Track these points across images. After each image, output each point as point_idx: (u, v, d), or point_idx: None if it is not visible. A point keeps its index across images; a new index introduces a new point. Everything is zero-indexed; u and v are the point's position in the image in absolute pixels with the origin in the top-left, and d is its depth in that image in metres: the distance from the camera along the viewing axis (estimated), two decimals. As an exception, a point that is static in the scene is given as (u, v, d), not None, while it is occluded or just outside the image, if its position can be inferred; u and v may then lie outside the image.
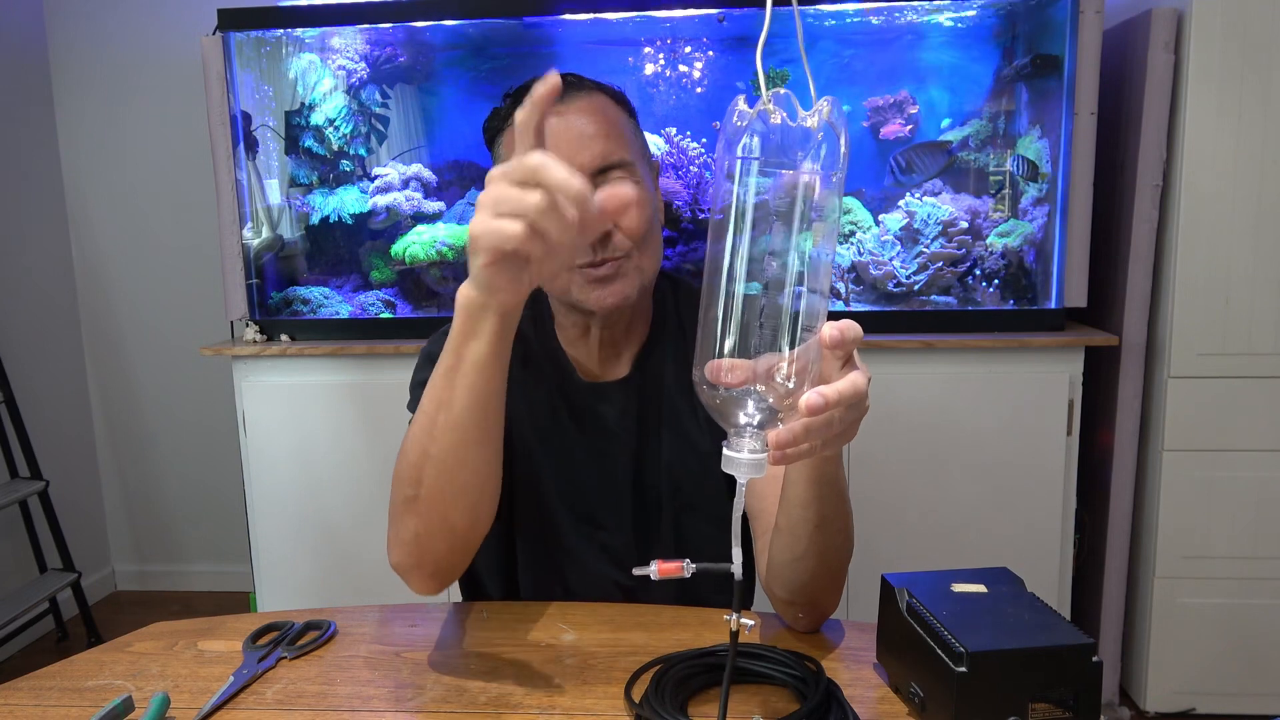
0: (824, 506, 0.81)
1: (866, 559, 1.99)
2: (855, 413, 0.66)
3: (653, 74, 2.22)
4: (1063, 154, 1.98)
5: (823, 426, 0.64)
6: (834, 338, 0.63)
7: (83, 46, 2.76)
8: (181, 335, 2.83)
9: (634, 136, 1.01)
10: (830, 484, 0.80)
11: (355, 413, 2.12)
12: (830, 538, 0.83)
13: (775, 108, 0.63)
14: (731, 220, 0.63)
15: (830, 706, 0.72)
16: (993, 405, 2.00)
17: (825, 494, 0.80)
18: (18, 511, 2.62)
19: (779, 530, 0.86)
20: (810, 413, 0.62)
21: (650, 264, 1.01)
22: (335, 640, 0.91)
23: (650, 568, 0.71)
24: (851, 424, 0.68)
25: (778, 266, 0.63)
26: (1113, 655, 2.12)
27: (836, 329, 0.63)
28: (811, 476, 0.79)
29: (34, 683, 0.84)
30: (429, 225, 2.23)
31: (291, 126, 2.27)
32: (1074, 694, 0.68)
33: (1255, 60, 1.86)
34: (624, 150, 0.97)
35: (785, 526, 0.85)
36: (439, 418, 0.79)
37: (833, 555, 0.85)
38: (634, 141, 1.00)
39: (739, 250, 0.63)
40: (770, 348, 0.63)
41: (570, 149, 0.94)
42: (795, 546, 0.84)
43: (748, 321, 0.63)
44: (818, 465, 0.78)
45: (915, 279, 2.10)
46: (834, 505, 0.82)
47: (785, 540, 0.86)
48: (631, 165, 0.97)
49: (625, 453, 1.06)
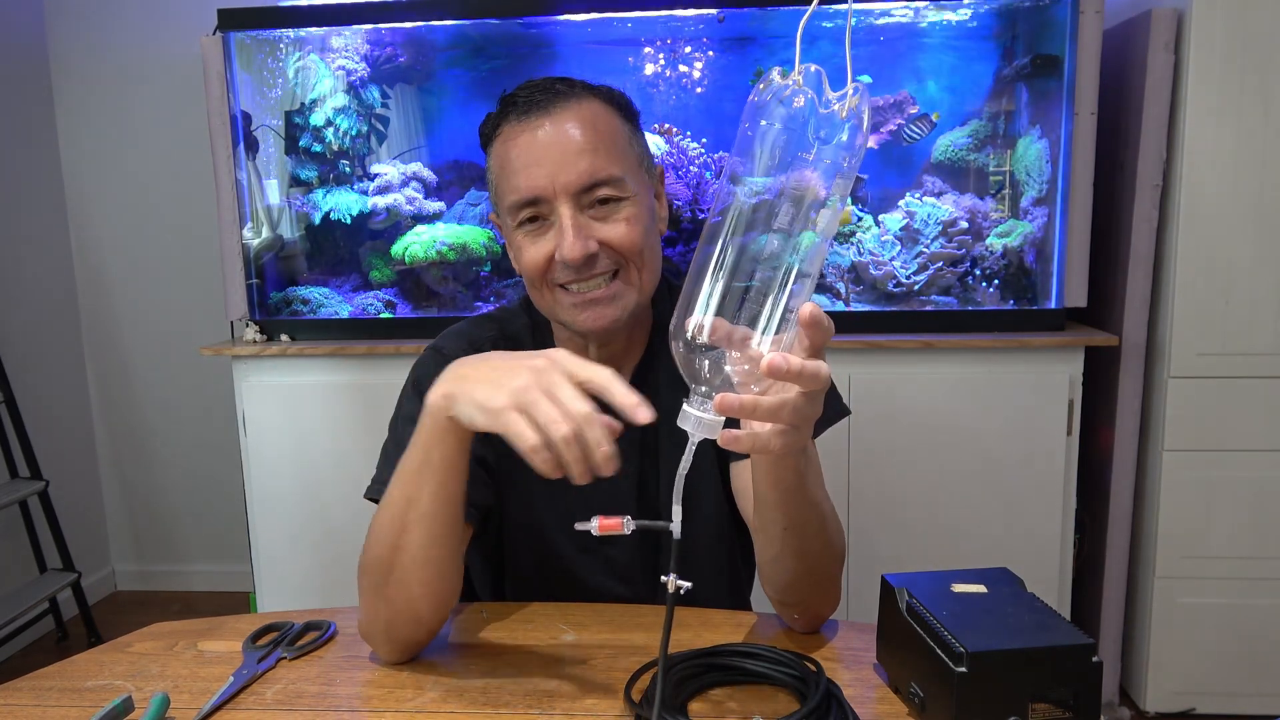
0: (790, 510, 0.81)
1: (866, 559, 2.01)
2: (807, 410, 0.66)
3: (653, 74, 2.22)
4: (1063, 154, 1.98)
5: (775, 406, 0.64)
6: (811, 314, 0.63)
7: (83, 46, 2.76)
8: (181, 335, 2.83)
9: (629, 145, 0.96)
10: (793, 490, 0.79)
11: (355, 413, 2.12)
12: (805, 541, 0.83)
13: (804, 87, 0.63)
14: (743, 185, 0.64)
15: (830, 706, 0.72)
16: (993, 405, 2.00)
17: (789, 499, 0.80)
18: (18, 511, 2.61)
19: (754, 530, 0.88)
20: (770, 372, 0.61)
21: (649, 279, 0.97)
22: (335, 640, 0.91)
23: (591, 523, 0.74)
24: (802, 422, 0.66)
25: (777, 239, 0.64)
26: (1113, 655, 2.12)
27: (814, 308, 0.63)
28: (772, 479, 0.79)
29: (34, 683, 0.84)
30: (429, 225, 2.23)
31: (291, 126, 2.27)
32: (1074, 694, 0.68)
33: (1255, 60, 1.86)
34: (613, 164, 0.92)
35: (759, 527, 0.85)
36: (409, 513, 0.80)
37: (812, 559, 0.85)
38: (628, 151, 0.95)
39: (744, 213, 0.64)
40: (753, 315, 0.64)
41: (553, 167, 0.91)
42: (770, 547, 0.85)
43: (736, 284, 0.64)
44: (776, 469, 0.78)
45: (915, 279, 2.10)
46: (802, 511, 0.81)
47: (760, 540, 0.86)
48: (620, 180, 0.92)
49: (627, 467, 1.02)
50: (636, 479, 1.04)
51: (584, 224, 0.92)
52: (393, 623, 0.84)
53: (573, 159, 0.91)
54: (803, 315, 0.63)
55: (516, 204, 0.93)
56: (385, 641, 0.85)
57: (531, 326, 1.07)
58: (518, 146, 0.93)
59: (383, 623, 0.84)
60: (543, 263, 0.94)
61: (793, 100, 0.63)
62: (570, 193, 0.91)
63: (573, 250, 0.90)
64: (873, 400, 1.99)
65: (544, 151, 0.91)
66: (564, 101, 0.93)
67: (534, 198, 0.92)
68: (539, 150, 0.91)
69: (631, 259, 0.94)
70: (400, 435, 1.00)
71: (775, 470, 0.78)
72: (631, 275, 0.95)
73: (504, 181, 0.95)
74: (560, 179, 0.91)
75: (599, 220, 0.93)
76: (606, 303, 0.94)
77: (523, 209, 0.93)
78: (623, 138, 0.96)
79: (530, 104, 0.93)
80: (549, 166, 0.91)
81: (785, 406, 0.64)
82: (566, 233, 0.91)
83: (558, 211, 0.92)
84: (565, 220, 0.91)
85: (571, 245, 0.91)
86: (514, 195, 0.93)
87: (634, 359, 1.05)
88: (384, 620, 0.84)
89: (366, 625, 0.86)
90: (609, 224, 0.93)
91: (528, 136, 0.92)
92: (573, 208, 0.92)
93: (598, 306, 0.94)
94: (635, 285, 0.96)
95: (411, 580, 0.82)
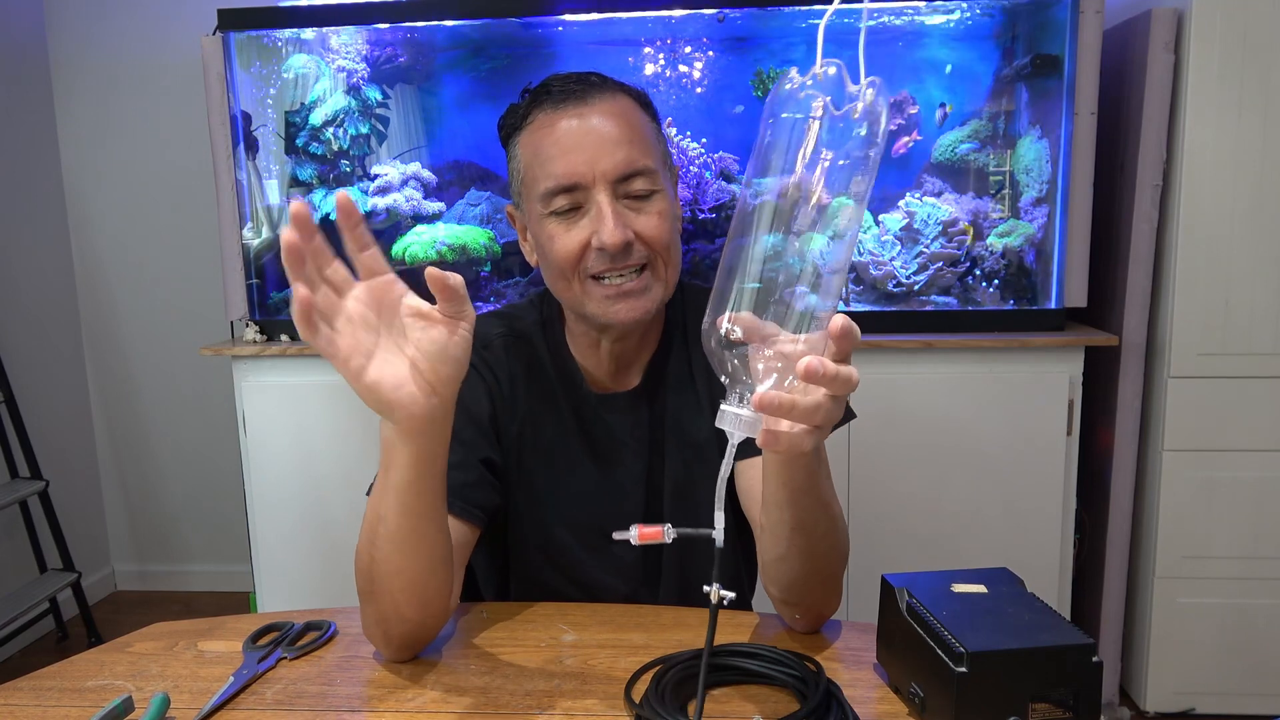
0: (799, 511, 0.81)
1: (866, 559, 2.00)
2: (834, 413, 0.66)
3: (653, 74, 2.22)
4: (1063, 154, 1.98)
5: (811, 407, 0.64)
6: (843, 326, 0.64)
7: (83, 47, 2.76)
8: (181, 335, 2.83)
9: (657, 141, 0.97)
10: (804, 490, 0.79)
11: (355, 413, 2.11)
12: (812, 542, 0.83)
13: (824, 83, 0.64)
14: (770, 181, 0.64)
15: (830, 706, 0.72)
16: (993, 405, 2.00)
17: (799, 499, 0.80)
18: (18, 511, 2.61)
19: (761, 529, 0.87)
20: (807, 376, 0.62)
21: (674, 275, 0.97)
22: (335, 640, 0.91)
23: (630, 532, 0.73)
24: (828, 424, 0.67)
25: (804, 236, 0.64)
26: (1113, 655, 2.12)
27: (846, 320, 0.64)
28: (783, 479, 0.79)
29: (34, 683, 0.84)
30: (429, 225, 2.23)
31: (291, 126, 2.27)
32: (1074, 694, 0.68)
33: (1255, 60, 1.86)
34: (647, 156, 0.93)
35: (766, 526, 0.85)
36: (379, 529, 0.80)
37: (819, 560, 0.85)
38: (657, 147, 0.96)
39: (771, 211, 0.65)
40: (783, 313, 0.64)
41: (592, 154, 0.91)
42: (776, 547, 0.85)
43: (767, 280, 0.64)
44: (788, 469, 0.78)
45: (915, 279, 2.10)
46: (811, 511, 0.81)
47: (767, 540, 0.86)
48: (654, 173, 0.93)
49: (636, 465, 1.03)
50: (644, 477, 1.04)
51: (621, 212, 0.92)
52: (385, 624, 0.84)
53: (611, 148, 0.91)
54: (834, 328, 0.63)
55: (552, 190, 0.93)
56: (384, 640, 0.86)
57: (542, 323, 1.06)
58: (555, 133, 0.93)
59: (377, 624, 0.85)
60: (576, 251, 0.93)
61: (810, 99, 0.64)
62: (609, 180, 0.91)
63: (613, 236, 0.90)
64: (873, 400, 1.99)
65: (584, 138, 0.91)
66: (599, 93, 0.94)
67: (573, 184, 0.92)
68: (578, 137, 0.91)
69: (661, 252, 0.94)
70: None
71: (788, 470, 0.78)
72: (660, 269, 0.95)
73: (538, 168, 0.94)
74: (600, 166, 0.91)
75: (634, 211, 0.93)
76: (639, 295, 0.94)
77: (558, 195, 0.93)
78: (651, 133, 0.96)
79: (566, 93, 0.94)
80: (590, 153, 0.91)
81: (820, 409, 0.65)
82: (607, 218, 0.91)
83: (595, 199, 0.92)
84: (606, 206, 0.91)
85: (612, 231, 0.90)
86: (550, 182, 0.93)
87: (645, 357, 1.05)
88: (376, 621, 0.84)
89: (365, 626, 0.87)
90: (643, 216, 0.93)
91: (566, 124, 0.93)
92: (610, 195, 0.92)
93: (630, 299, 0.94)
94: (663, 280, 0.96)
95: (392, 588, 0.82)
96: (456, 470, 0.91)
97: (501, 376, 1.03)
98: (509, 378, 1.03)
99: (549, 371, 1.04)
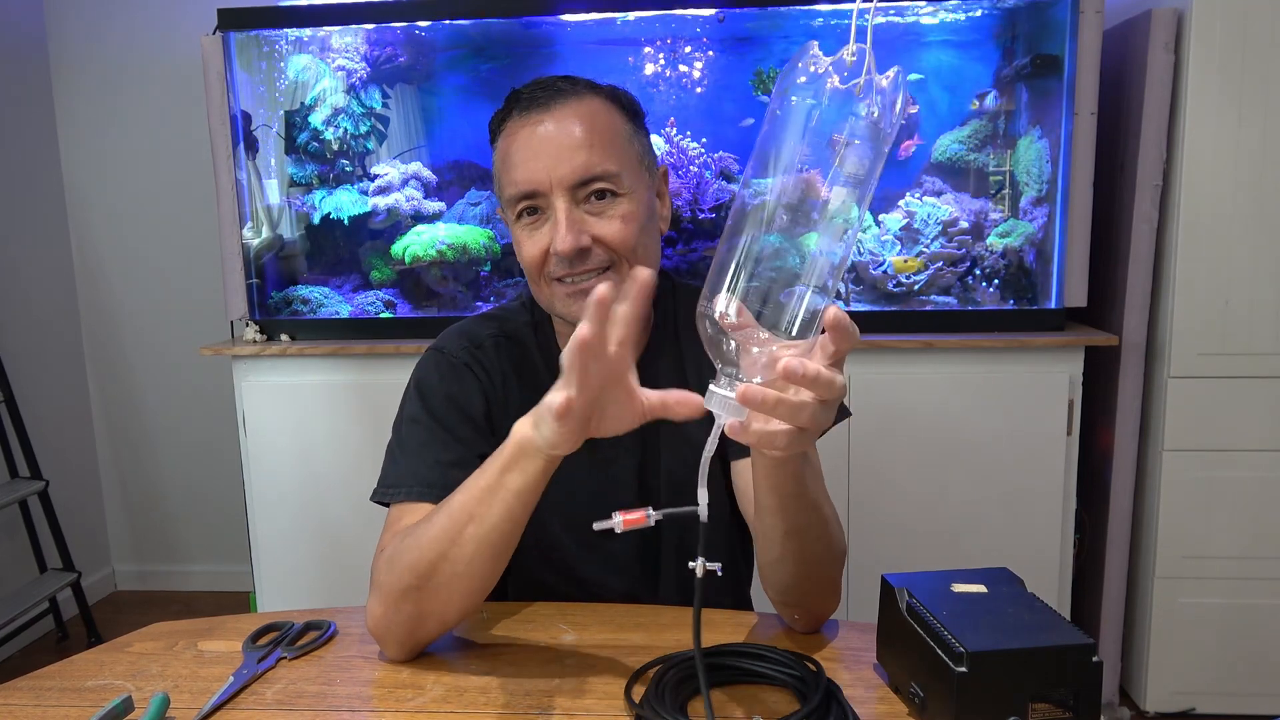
0: (790, 516, 0.81)
1: (866, 559, 2.01)
2: (821, 417, 0.65)
3: (653, 74, 2.22)
4: (1063, 154, 1.98)
5: (796, 407, 0.64)
6: (836, 318, 0.63)
7: (83, 46, 2.76)
8: (181, 335, 2.83)
9: (628, 143, 0.97)
10: (794, 496, 0.79)
11: (355, 413, 2.11)
12: (806, 546, 0.83)
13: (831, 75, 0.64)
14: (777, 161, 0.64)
15: (830, 707, 0.72)
16: (993, 405, 2.00)
17: (789, 505, 0.80)
18: (18, 511, 2.61)
19: (755, 534, 0.88)
20: (787, 375, 0.62)
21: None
22: (335, 640, 0.91)
23: (614, 519, 0.73)
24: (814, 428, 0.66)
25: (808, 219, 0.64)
26: (1113, 655, 2.12)
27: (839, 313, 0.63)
28: (772, 485, 0.79)
29: (34, 683, 0.84)
30: (429, 225, 2.23)
31: (291, 126, 2.27)
32: (1074, 694, 0.68)
33: (1255, 60, 1.86)
34: (610, 160, 0.93)
35: (760, 530, 0.85)
36: (467, 529, 0.80)
37: (814, 562, 0.85)
38: (627, 149, 0.96)
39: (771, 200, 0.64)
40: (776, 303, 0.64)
41: (550, 161, 0.92)
42: (770, 550, 0.85)
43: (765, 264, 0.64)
44: (777, 475, 0.78)
45: (915, 279, 2.10)
46: (802, 516, 0.81)
47: (761, 544, 0.86)
48: (616, 176, 0.93)
49: (629, 462, 1.04)
50: (636, 472, 1.04)
51: (578, 218, 0.93)
52: (421, 621, 0.84)
53: (569, 154, 0.92)
54: (828, 318, 0.63)
55: (514, 197, 0.96)
56: (400, 641, 0.85)
57: (533, 325, 1.07)
58: (518, 141, 0.95)
59: (405, 623, 0.84)
60: (539, 256, 0.95)
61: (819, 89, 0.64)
62: (565, 186, 0.92)
63: (564, 242, 0.92)
64: (873, 400, 1.99)
65: (542, 146, 0.93)
66: (564, 99, 0.95)
67: (531, 190, 0.94)
68: (537, 145, 0.93)
69: (625, 255, 0.95)
70: (404, 437, 1.00)
71: (775, 476, 0.78)
72: (624, 271, 0.95)
73: (504, 175, 0.97)
74: (556, 172, 0.92)
75: (594, 215, 0.94)
76: None
77: (520, 201, 0.95)
78: (622, 135, 0.97)
79: (532, 101, 0.95)
80: (546, 160, 0.92)
81: (805, 409, 0.64)
82: (560, 225, 0.92)
83: (553, 205, 0.93)
84: (560, 213, 0.93)
85: (563, 238, 0.92)
86: (512, 189, 0.95)
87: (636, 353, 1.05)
88: (407, 620, 0.84)
89: (383, 623, 0.85)
90: (604, 219, 0.94)
91: (527, 131, 0.94)
92: (568, 201, 0.93)
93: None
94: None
95: (453, 588, 0.82)
96: (455, 468, 0.91)
97: (495, 376, 1.04)
98: (501, 377, 1.04)
99: (540, 371, 1.05)
